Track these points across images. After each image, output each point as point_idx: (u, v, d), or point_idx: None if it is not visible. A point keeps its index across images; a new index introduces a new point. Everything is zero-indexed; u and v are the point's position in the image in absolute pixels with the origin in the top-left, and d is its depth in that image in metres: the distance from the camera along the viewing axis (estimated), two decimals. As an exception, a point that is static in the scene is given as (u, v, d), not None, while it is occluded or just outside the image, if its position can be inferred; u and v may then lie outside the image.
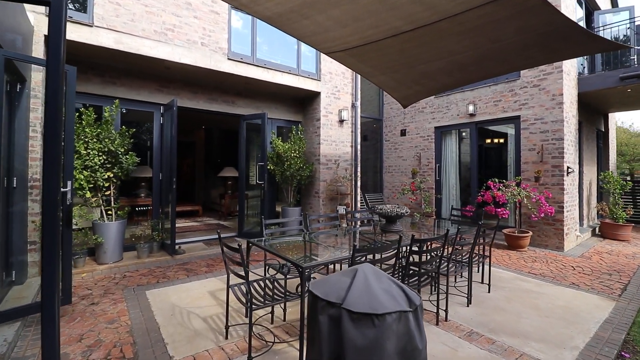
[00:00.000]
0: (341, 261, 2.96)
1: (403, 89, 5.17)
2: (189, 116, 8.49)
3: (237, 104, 6.47)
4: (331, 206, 7.04)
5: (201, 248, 5.64)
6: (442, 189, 8.38)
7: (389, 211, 3.71)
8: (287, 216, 6.62)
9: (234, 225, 7.70)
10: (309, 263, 2.48)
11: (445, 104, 8.24)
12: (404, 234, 3.81)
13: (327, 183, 6.95)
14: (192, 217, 8.79)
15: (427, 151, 8.62)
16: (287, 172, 6.54)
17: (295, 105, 7.35)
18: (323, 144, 6.92)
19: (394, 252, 2.76)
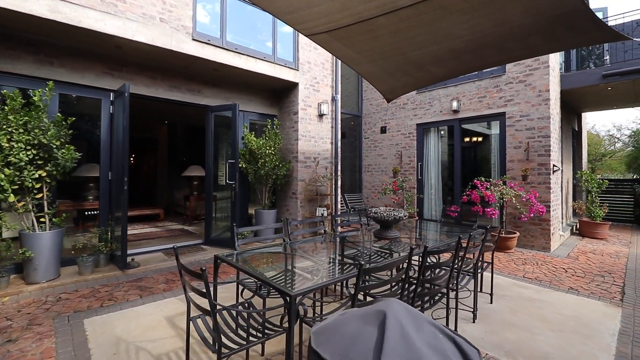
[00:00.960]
0: (343, 281, 2.39)
1: (390, 80, 4.73)
2: (148, 107, 7.54)
3: (203, 93, 5.69)
4: (310, 208, 6.44)
5: (160, 259, 4.82)
6: (424, 188, 8.04)
7: (385, 215, 3.17)
8: (262, 220, 5.94)
9: (201, 230, 6.88)
10: (300, 289, 1.86)
11: (427, 100, 7.90)
12: (400, 241, 3.29)
13: (305, 183, 6.34)
14: (152, 222, 7.84)
15: (408, 149, 8.25)
16: (261, 170, 5.86)
17: (270, 98, 6.67)
18: (301, 139, 6.30)
19: (399, 265, 2.21)
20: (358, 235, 3.85)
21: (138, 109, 7.96)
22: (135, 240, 5.81)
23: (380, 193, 7.94)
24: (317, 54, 6.59)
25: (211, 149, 5.72)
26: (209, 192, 5.73)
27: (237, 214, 5.39)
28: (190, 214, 7.37)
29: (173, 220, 8.28)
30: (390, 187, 7.65)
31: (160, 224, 7.60)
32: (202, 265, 4.69)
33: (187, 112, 8.64)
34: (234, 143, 5.40)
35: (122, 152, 4.39)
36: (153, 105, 7.45)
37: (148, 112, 8.77)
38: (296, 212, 6.23)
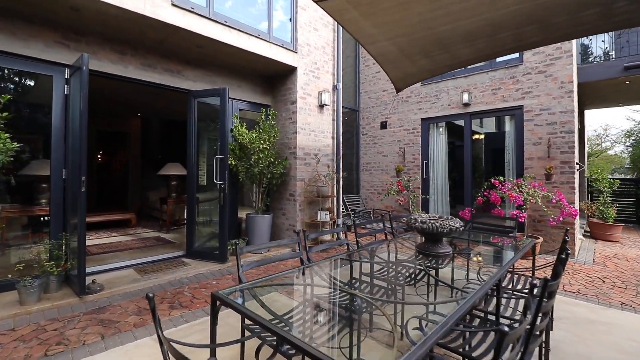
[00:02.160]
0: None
1: (406, 63, 4.08)
2: (116, 93, 6.46)
3: (184, 75, 4.73)
4: (310, 212, 5.60)
5: (130, 279, 3.83)
6: (430, 188, 7.38)
7: (438, 226, 2.39)
8: (255, 226, 5.04)
9: (181, 239, 5.88)
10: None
11: (434, 92, 7.24)
12: (451, 258, 2.53)
13: (305, 183, 5.49)
14: (121, 229, 6.73)
15: (412, 146, 7.57)
16: (255, 168, 4.97)
17: (263, 85, 5.78)
18: (300, 133, 5.45)
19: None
20: (380, 248, 3.09)
21: (101, 92, 6.84)
22: (99, 254, 4.77)
23: (384, 194, 7.21)
24: (317, 35, 5.76)
25: (194, 142, 4.76)
26: (192, 193, 4.78)
27: (226, 220, 4.47)
28: (168, 219, 6.35)
29: (147, 226, 7.19)
30: (395, 187, 6.93)
31: (132, 231, 6.52)
32: (184, 287, 3.79)
33: (163, 103, 7.58)
34: (222, 135, 4.48)
35: (79, 143, 3.39)
36: (122, 90, 6.38)
37: (116, 101, 7.63)
38: (295, 217, 5.37)
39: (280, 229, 5.59)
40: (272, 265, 4.63)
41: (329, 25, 5.99)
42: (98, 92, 6.43)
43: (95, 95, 6.75)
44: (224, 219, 4.46)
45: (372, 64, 8.39)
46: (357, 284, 2.52)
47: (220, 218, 4.49)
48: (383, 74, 8.08)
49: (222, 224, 4.48)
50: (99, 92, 6.45)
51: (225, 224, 4.45)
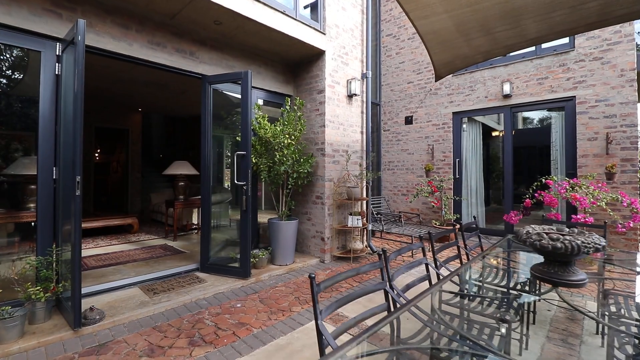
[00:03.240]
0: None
1: (459, 43, 3.60)
2: (116, 81, 5.75)
3: (198, 57, 4.02)
4: (339, 217, 4.91)
5: (137, 302, 3.13)
6: (463, 189, 6.71)
7: (580, 244, 1.70)
8: (278, 233, 4.34)
9: (190, 247, 5.17)
10: None
11: (468, 83, 6.57)
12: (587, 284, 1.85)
13: (334, 184, 4.81)
14: (122, 236, 6.02)
15: (442, 143, 6.89)
16: (280, 167, 4.28)
17: (285, 72, 5.08)
18: (328, 126, 4.76)
19: None
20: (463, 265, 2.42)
21: (100, 87, 6.12)
22: (98, 267, 4.06)
23: (412, 195, 6.53)
24: (345, 16, 5.07)
25: (209, 136, 4.06)
26: (206, 196, 4.07)
27: (249, 228, 3.77)
28: (175, 224, 5.64)
29: (151, 232, 6.48)
30: (427, 189, 6.25)
31: (135, 238, 5.80)
32: (204, 312, 3.03)
33: (167, 95, 6.87)
34: (244, 128, 3.78)
35: (73, 136, 2.69)
36: (122, 79, 5.68)
37: (115, 93, 6.91)
38: (322, 222, 4.68)
39: (306, 236, 4.90)
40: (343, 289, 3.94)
41: (357, 6, 5.30)
42: (95, 81, 5.71)
43: (91, 86, 6.04)
44: (247, 226, 3.76)
45: (395, 54, 7.71)
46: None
47: (242, 226, 3.79)
48: (407, 64, 7.41)
49: (244, 232, 3.77)
50: (95, 81, 5.73)
51: (248, 232, 3.75)
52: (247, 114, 3.77)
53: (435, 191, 6.15)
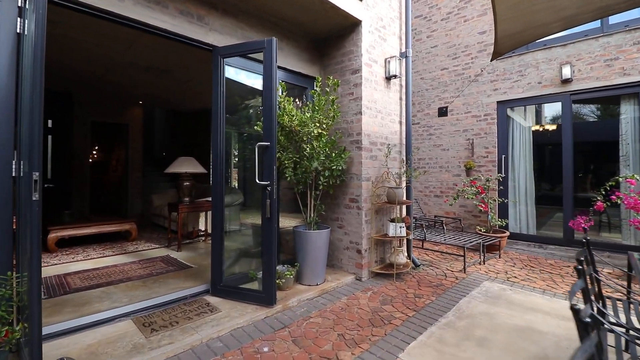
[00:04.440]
0: None
1: (537, 6, 2.73)
2: (110, 58, 4.93)
3: (207, 23, 3.18)
4: (377, 224, 4.05)
5: (129, 346, 2.28)
6: (510, 190, 5.82)
7: None
8: (307, 245, 3.49)
9: (199, 261, 4.33)
10: None
11: (516, 68, 5.68)
12: None
13: (371, 184, 3.95)
14: (118, 244, 5.20)
15: (484, 137, 6.01)
16: (310, 163, 3.43)
17: (310, 49, 4.23)
18: (365, 114, 3.90)
19: None
20: None
21: (95, 73, 5.29)
22: (83, 289, 3.23)
23: (451, 197, 5.65)
24: (383, -19, 4.22)
25: (221, 124, 3.21)
26: (218, 198, 3.22)
27: (274, 241, 2.92)
28: (180, 231, 4.80)
29: (151, 239, 5.66)
30: (472, 190, 5.37)
31: (132, 247, 4.98)
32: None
33: (168, 83, 6.04)
34: (268, 111, 2.93)
35: (30, 114, 1.85)
36: (120, 52, 4.86)
37: (112, 81, 6.10)
38: (359, 231, 3.82)
39: (337, 247, 4.04)
40: (343, 309, 3.08)
41: (395, -28, 4.44)
42: (86, 64, 4.90)
43: (83, 70, 5.22)
44: (271, 240, 2.91)
45: (425, 37, 6.84)
46: None
47: (266, 239, 2.93)
48: (441, 48, 6.53)
49: (268, 247, 2.92)
50: (87, 64, 4.92)
51: (273, 248, 2.90)
52: (271, 92, 2.92)
53: (482, 192, 5.27)
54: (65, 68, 5.39)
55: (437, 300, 3.28)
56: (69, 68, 5.40)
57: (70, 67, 5.38)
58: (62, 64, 5.20)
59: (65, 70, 5.54)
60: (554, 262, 4.82)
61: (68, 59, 4.97)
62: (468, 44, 6.27)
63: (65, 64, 5.19)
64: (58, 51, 4.60)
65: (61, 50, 4.57)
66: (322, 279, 3.56)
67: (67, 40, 4.24)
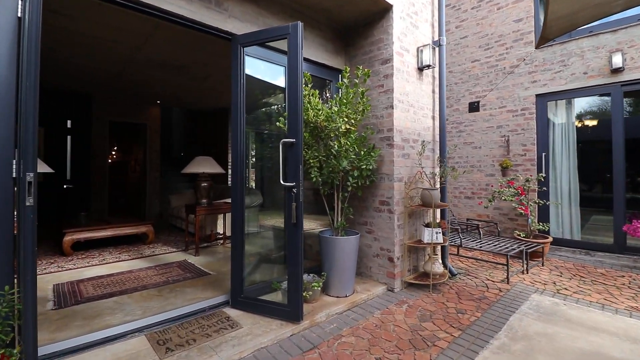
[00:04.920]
0: None
1: None
2: (126, 54, 4.75)
3: (226, 9, 2.91)
4: (409, 229, 3.68)
5: (140, 368, 2.02)
6: (551, 191, 5.33)
7: None
8: (334, 252, 3.17)
9: (217, 267, 4.08)
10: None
11: (558, 57, 5.19)
12: None
13: (404, 184, 3.59)
14: (135, 247, 5.03)
15: (521, 133, 5.54)
16: (339, 162, 3.11)
17: (335, 38, 3.91)
18: (397, 108, 3.55)
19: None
20: None
21: (111, 65, 5.13)
22: (95, 298, 3.01)
23: (487, 199, 5.20)
24: (415, -37, 3.85)
25: (241, 118, 2.92)
26: (239, 200, 2.94)
27: (301, 249, 2.61)
28: (197, 234, 4.58)
29: (168, 242, 5.47)
30: (507, 191, 4.92)
31: (149, 251, 4.79)
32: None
33: (184, 80, 5.85)
34: (293, 103, 2.63)
35: (25, 108, 1.60)
36: (134, 48, 4.69)
37: (130, 80, 5.96)
38: (391, 237, 3.47)
39: (365, 254, 3.71)
40: None
41: (426, -47, 4.06)
42: (102, 62, 4.74)
43: (100, 69, 5.06)
44: (298, 248, 2.60)
45: (454, 27, 6.40)
46: None
47: (292, 247, 2.63)
48: (471, 39, 6.09)
49: (294, 257, 2.61)
50: (103, 62, 4.76)
51: (299, 257, 2.59)
52: (297, 82, 2.61)
53: (522, 194, 4.81)
54: (82, 68, 5.28)
55: (484, 317, 2.89)
56: (86, 67, 5.30)
57: (87, 67, 5.27)
58: (80, 64, 5.09)
59: (83, 70, 5.44)
60: (605, 271, 4.33)
61: (85, 59, 4.85)
62: (502, 34, 5.81)
63: (83, 64, 5.07)
64: (74, 50, 4.47)
65: (77, 49, 4.43)
66: (351, 289, 3.23)
67: (83, 38, 4.09)
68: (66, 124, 7.32)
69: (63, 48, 4.45)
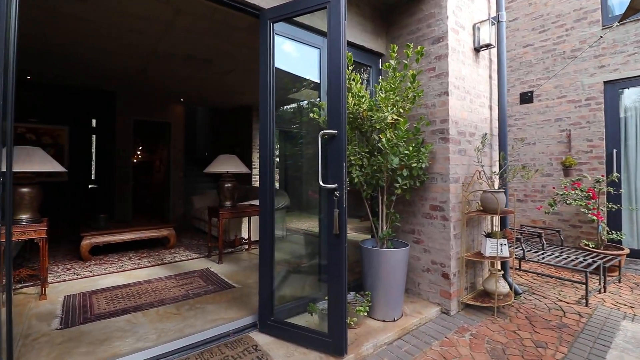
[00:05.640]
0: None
1: None
2: (150, 46, 4.42)
3: (254, -19, 2.46)
4: (467, 240, 3.10)
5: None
6: (623, 194, 4.57)
7: None
8: (381, 268, 2.65)
9: (242, 280, 3.66)
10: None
11: (632, 37, 4.43)
12: None
13: (460, 186, 3.02)
14: (155, 252, 4.72)
15: (585, 127, 4.79)
16: (388, 159, 2.60)
17: (374, 17, 3.39)
18: (452, 95, 2.98)
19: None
20: None
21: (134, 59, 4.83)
22: (106, 316, 2.65)
23: (549, 203, 4.50)
24: None
25: (271, 108, 2.45)
26: (267, 204, 2.47)
27: (344, 265, 2.11)
28: (221, 240, 4.18)
29: (191, 246, 5.14)
30: (574, 194, 4.22)
31: (170, 256, 4.46)
32: None
33: (206, 75, 5.51)
34: (336, 85, 2.13)
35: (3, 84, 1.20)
36: (154, 39, 4.37)
37: (153, 77, 5.68)
38: (445, 249, 2.91)
39: (413, 268, 3.16)
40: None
41: None
42: (123, 56, 4.44)
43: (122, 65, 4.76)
44: (341, 266, 2.11)
45: (502, 9, 5.69)
46: None
47: (334, 263, 2.14)
48: (523, 21, 5.39)
49: (336, 276, 2.12)
50: (125, 57, 4.47)
51: (343, 277, 2.09)
52: (339, 60, 2.12)
53: (593, 197, 4.10)
54: (105, 65, 5.05)
55: (572, 354, 2.29)
56: (109, 64, 5.08)
57: (110, 64, 5.05)
58: (101, 61, 4.85)
59: (106, 67, 5.24)
60: None
61: (105, 54, 4.60)
62: (560, 13, 5.08)
63: (104, 60, 4.83)
64: (92, 43, 4.21)
65: (95, 42, 4.16)
66: (399, 312, 2.70)
67: (102, 29, 3.80)
68: (91, 123, 7.20)
69: (80, 42, 4.21)
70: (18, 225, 2.82)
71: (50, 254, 4.50)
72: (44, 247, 2.90)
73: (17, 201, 2.84)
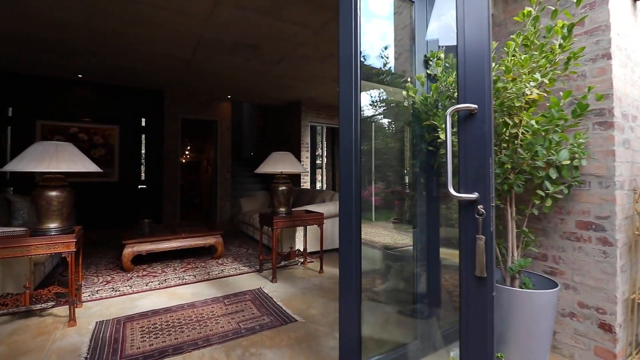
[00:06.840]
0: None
1: None
2: (194, 35, 3.91)
3: None
4: (632, 272, 2.10)
5: None
6: None
7: None
8: (520, 317, 1.78)
9: (304, 308, 2.95)
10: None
11: None
12: None
13: (627, 193, 2.03)
14: (202, 263, 4.20)
15: None
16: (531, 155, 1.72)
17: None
18: (615, 58, 2.01)
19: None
20: None
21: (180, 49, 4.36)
22: (138, 357, 2.06)
23: None
24: None
25: (357, 79, 1.68)
26: (351, 212, 1.70)
27: (490, 311, 1.29)
28: (275, 252, 3.52)
29: (239, 255, 4.57)
30: None
31: (217, 270, 3.89)
32: None
33: (257, 68, 4.93)
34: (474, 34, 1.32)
35: None
36: (196, 28, 3.85)
37: (200, 70, 5.23)
38: (605, 286, 1.96)
39: (546, 308, 2.22)
40: None
41: None
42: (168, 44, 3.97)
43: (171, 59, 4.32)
44: (486, 318, 1.29)
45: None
46: None
47: (473, 316, 1.33)
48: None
49: (477, 330, 1.31)
50: (170, 44, 4.00)
51: (488, 333, 1.28)
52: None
53: None
54: (151, 54, 4.68)
55: None
56: (157, 56, 4.73)
57: (157, 55, 4.70)
58: (148, 50, 4.48)
59: (154, 61, 4.93)
60: None
61: (152, 43, 4.20)
62: None
63: (151, 49, 4.44)
64: (144, 34, 3.80)
65: (146, 32, 3.74)
66: (545, 382, 1.80)
67: (147, 10, 3.33)
68: (140, 122, 7.02)
69: (126, 32, 3.83)
70: (44, 236, 2.35)
71: (94, 262, 4.16)
72: (73, 262, 2.40)
73: (44, 207, 2.38)
